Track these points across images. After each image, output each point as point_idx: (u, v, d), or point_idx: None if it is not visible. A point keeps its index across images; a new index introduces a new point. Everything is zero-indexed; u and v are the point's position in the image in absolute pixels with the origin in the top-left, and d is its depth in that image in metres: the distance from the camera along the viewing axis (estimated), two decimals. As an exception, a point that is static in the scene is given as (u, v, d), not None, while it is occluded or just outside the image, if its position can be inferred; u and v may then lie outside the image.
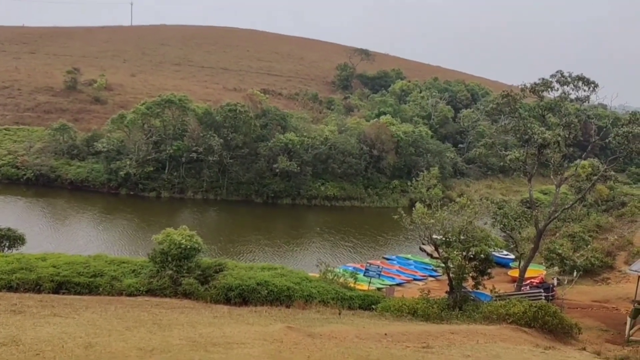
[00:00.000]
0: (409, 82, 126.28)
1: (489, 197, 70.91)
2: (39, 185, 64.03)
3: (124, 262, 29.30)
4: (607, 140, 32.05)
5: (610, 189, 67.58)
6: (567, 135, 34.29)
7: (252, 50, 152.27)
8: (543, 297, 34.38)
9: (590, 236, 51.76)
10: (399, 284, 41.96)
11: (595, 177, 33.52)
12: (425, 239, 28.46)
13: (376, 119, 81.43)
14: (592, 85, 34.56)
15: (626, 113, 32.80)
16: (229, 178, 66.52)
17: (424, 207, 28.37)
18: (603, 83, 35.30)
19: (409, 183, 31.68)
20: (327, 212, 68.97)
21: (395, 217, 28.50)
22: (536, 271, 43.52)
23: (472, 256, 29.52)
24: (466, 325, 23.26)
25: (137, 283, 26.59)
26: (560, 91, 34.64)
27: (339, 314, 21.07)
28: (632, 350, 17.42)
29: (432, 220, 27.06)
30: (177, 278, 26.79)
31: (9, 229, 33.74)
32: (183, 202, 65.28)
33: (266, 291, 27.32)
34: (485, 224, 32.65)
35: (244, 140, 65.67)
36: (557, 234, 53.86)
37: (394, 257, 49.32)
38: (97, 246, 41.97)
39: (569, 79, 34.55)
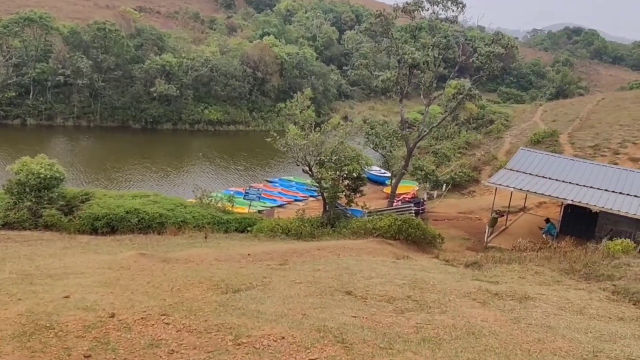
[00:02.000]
0: (294, 1, 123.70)
1: (370, 118, 73.22)
2: None
3: (-24, 195, 26.97)
4: (471, 60, 33.42)
5: (481, 108, 71.69)
6: (436, 56, 35.38)
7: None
8: (413, 212, 36.38)
9: (459, 152, 55.13)
10: (280, 206, 42.64)
11: (460, 96, 35.06)
12: (299, 160, 28.66)
13: (259, 40, 79.39)
14: (460, 5, 35.52)
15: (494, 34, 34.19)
16: (103, 103, 62.59)
17: (297, 128, 28.38)
18: (474, 5, 36.54)
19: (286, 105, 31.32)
20: (211, 137, 67.59)
21: (268, 139, 28.32)
22: (409, 187, 45.89)
23: (345, 175, 30.29)
24: (335, 240, 24.06)
25: (-9, 216, 24.68)
26: (430, 11, 35.39)
27: (205, 237, 20.94)
28: (484, 256, 18.82)
29: (304, 142, 27.17)
30: (37, 210, 25.14)
31: None
32: (52, 129, 60.89)
33: (137, 219, 26.39)
34: (359, 144, 33.43)
35: (117, 62, 61.51)
36: (429, 152, 56.88)
37: (276, 179, 49.75)
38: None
39: (438, -1, 35.25)
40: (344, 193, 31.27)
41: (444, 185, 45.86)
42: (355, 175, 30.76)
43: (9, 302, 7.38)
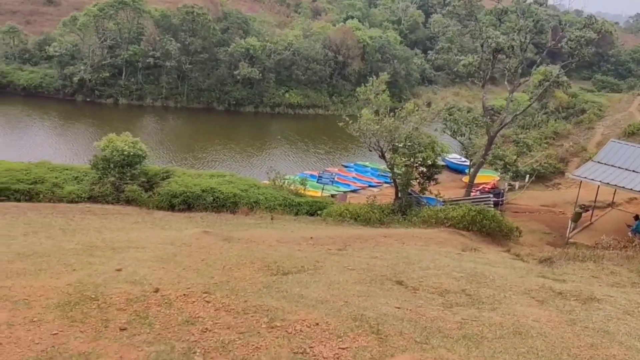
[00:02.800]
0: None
1: (454, 104, 71.27)
2: (-11, 91, 61.66)
3: (67, 169, 28.70)
4: (559, 45, 31.60)
5: (572, 97, 68.03)
6: (522, 40, 33.72)
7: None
8: (492, 202, 35.18)
9: (546, 143, 52.64)
10: (353, 191, 42.53)
11: (547, 83, 33.27)
12: (372, 146, 28.32)
13: (342, 24, 79.00)
14: (551, -13, 33.59)
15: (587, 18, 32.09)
16: (189, 85, 64.77)
17: (371, 113, 28.03)
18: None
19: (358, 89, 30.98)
20: (291, 120, 68.33)
21: (341, 124, 28.17)
22: (489, 177, 44.37)
23: (419, 162, 29.66)
24: (404, 229, 23.68)
25: (78, 190, 26.18)
26: (518, -8, 33.72)
27: (272, 219, 21.19)
28: (560, 252, 17.88)
29: (377, 127, 26.80)
30: (119, 185, 26.46)
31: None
32: (142, 109, 63.79)
33: (212, 198, 27.19)
34: (435, 130, 32.59)
35: (203, 45, 63.31)
36: (520, 141, 54.63)
37: (352, 164, 49.63)
38: (48, 153, 41.06)
39: (527, -20, 33.53)
40: (417, 180, 30.67)
41: (527, 176, 43.97)
42: (430, 163, 30.06)
43: (64, 272, 7.77)
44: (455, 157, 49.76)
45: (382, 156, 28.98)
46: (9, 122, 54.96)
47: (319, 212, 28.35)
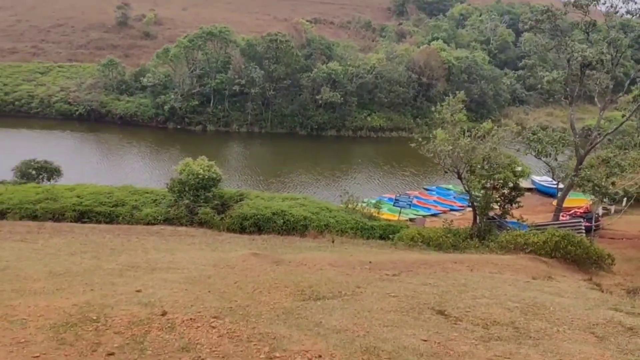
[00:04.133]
0: (469, 5, 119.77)
1: (548, 125, 67.76)
2: (90, 120, 66.02)
3: (147, 192, 29.84)
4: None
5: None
6: (613, 54, 31.41)
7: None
8: (583, 228, 32.70)
9: (648, 164, 48.47)
10: (434, 215, 41.06)
11: (641, 99, 30.67)
12: (448, 167, 27.18)
13: (426, 45, 77.93)
14: (646, -4, 31.20)
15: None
16: (273, 111, 66.13)
17: (446, 133, 26.95)
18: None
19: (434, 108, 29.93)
20: (373, 143, 67.77)
21: (412, 144, 27.30)
22: (582, 201, 41.37)
23: (499, 184, 28.12)
24: (479, 254, 22.32)
25: (155, 212, 27.05)
26: (607, 4, 31.55)
27: (332, 241, 20.62)
28: None
29: (450, 147, 25.68)
30: (193, 207, 27.05)
31: (45, 161, 34.89)
32: (228, 135, 65.79)
33: (282, 221, 27.17)
34: (518, 150, 30.84)
35: (287, 72, 64.56)
36: (612, 162, 50.80)
37: (433, 187, 48.14)
38: (136, 177, 43.07)
39: (618, -10, 31.32)
40: (498, 204, 29.05)
41: (625, 199, 40.57)
42: (511, 185, 28.40)
43: (79, 292, 7.68)
44: (545, 180, 47.02)
45: (459, 178, 27.74)
46: (106, 148, 58.47)
47: (391, 236, 27.50)
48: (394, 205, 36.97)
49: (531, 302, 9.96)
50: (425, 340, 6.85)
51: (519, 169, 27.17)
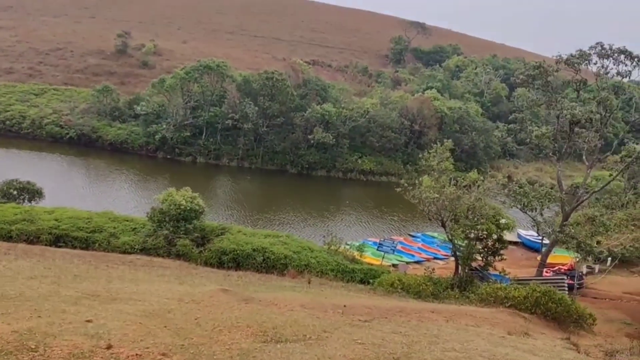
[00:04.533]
0: (465, 58, 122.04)
1: (536, 180, 68.12)
2: (80, 144, 65.67)
3: (127, 220, 29.37)
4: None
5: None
6: (602, 113, 31.74)
7: (307, 20, 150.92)
8: (566, 285, 32.41)
9: (634, 224, 48.61)
10: (417, 262, 40.62)
11: (628, 160, 30.86)
12: (432, 215, 26.98)
13: (420, 94, 78.88)
14: (636, 59, 31.72)
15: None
16: (265, 147, 66.17)
17: (432, 181, 26.87)
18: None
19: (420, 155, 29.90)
20: (363, 186, 67.72)
21: (398, 189, 27.17)
22: (566, 258, 41.15)
23: (484, 235, 27.93)
24: (458, 305, 21.91)
25: (132, 241, 26.56)
26: (598, 65, 32.02)
27: (309, 282, 20.19)
28: (629, 345, 15.69)
29: (435, 195, 25.54)
30: (172, 239, 26.56)
31: (28, 182, 34.37)
32: (218, 168, 65.58)
33: (262, 258, 26.75)
34: (504, 202, 30.75)
35: (281, 110, 64.90)
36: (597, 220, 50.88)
37: (419, 234, 47.83)
38: (118, 204, 42.51)
39: (609, 52, 31.84)
40: (481, 255, 28.79)
41: (609, 259, 40.46)
42: (496, 237, 28.22)
43: (24, 319, 7.26)
44: (531, 234, 46.86)
45: (443, 226, 27.53)
46: (93, 174, 57.98)
47: (371, 280, 27.08)
48: (377, 250, 36.55)
49: (502, 359, 9.59)
50: (383, 394, 6.47)
51: (503, 221, 27.03)
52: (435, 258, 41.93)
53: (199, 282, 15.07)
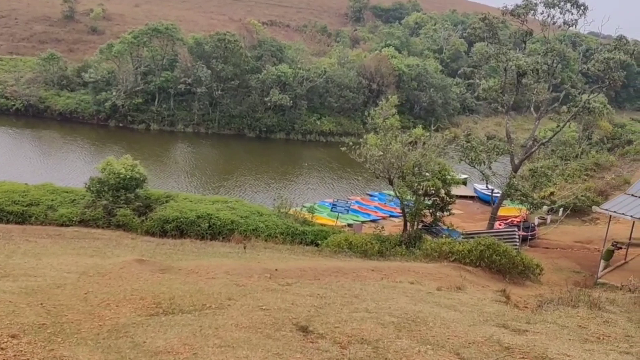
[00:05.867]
0: (424, 14, 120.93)
1: (495, 134, 68.50)
2: (28, 115, 63.22)
3: (66, 192, 28.26)
4: (585, 67, 29.29)
5: (620, 127, 64.57)
6: (549, 64, 31.57)
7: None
8: (517, 237, 32.71)
9: (586, 174, 49.48)
10: (373, 220, 40.64)
11: (574, 109, 30.89)
12: (378, 173, 26.63)
13: (377, 52, 77.94)
14: (582, 7, 31.46)
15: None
16: (221, 111, 64.74)
17: (378, 138, 26.43)
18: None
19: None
20: (323, 147, 67.12)
21: (343, 149, 26.70)
22: (520, 209, 41.64)
23: (432, 191, 27.78)
24: (402, 262, 21.77)
25: (70, 213, 25.57)
26: (544, 14, 31.68)
27: (244, 247, 19.74)
28: (579, 293, 15.59)
29: (380, 153, 25.13)
30: (112, 209, 25.66)
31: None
32: (173, 134, 64.04)
33: (207, 224, 26.09)
34: (452, 158, 30.60)
35: (235, 72, 63.31)
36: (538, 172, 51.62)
37: (376, 193, 47.78)
38: (68, 177, 41.18)
39: (555, 1, 31.48)
40: (430, 211, 28.71)
41: (561, 209, 41.10)
42: (444, 193, 28.12)
43: None
44: (485, 188, 47.26)
45: (390, 183, 27.25)
46: (41, 145, 55.97)
47: (321, 241, 26.79)
48: (331, 210, 36.32)
49: (413, 317, 9.28)
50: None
51: (450, 176, 26.86)
52: (391, 216, 41.95)
53: (119, 253, 14.43)
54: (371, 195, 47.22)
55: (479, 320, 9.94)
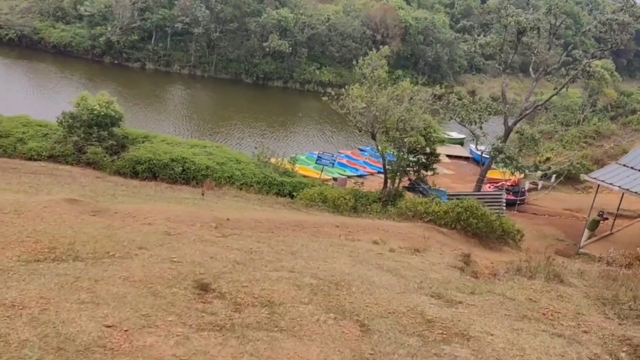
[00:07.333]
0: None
1: (499, 96, 66.82)
2: (22, 46, 61.71)
3: (40, 125, 27.30)
4: (587, 29, 27.76)
5: (626, 95, 62.89)
6: (552, 23, 30.00)
7: None
8: (503, 201, 31.96)
9: (585, 142, 48.33)
10: (360, 175, 39.87)
11: (573, 72, 29.49)
12: (361, 126, 25.57)
13: (384, 1, 75.34)
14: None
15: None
16: (218, 54, 63.04)
17: (363, 90, 25.26)
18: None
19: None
20: (321, 98, 65.57)
21: (324, 98, 25.60)
22: (506, 173, 40.68)
23: (417, 148, 26.81)
24: (373, 220, 21.02)
25: (39, 147, 24.72)
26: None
27: (202, 194, 18.97)
28: (544, 263, 14.80)
29: (363, 105, 24.01)
30: (82, 146, 24.82)
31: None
32: (169, 75, 62.59)
33: (181, 168, 25.29)
34: (440, 116, 29.44)
35: (234, 14, 61.25)
36: (552, 138, 50.48)
37: (368, 148, 46.75)
38: (52, 111, 40.16)
39: (564, -45, 29.68)
40: (413, 169, 27.83)
41: (554, 176, 40.20)
42: (429, 151, 27.17)
43: None
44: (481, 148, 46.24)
45: (373, 138, 26.25)
46: (33, 78, 54.79)
47: (294, 193, 26.05)
48: (316, 163, 35.46)
49: (339, 280, 8.53)
50: (108, 327, 5.28)
51: (436, 134, 25.82)
52: (379, 172, 41.03)
53: (59, 191, 13.67)
54: (362, 150, 46.28)
55: (413, 288, 9.20)
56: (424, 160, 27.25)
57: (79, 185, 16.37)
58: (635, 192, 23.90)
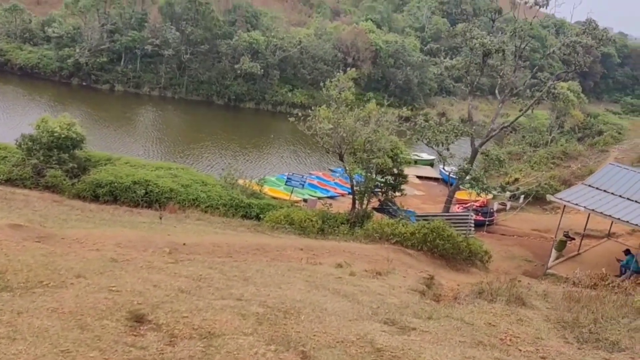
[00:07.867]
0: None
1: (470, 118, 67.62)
2: (-14, 69, 60.67)
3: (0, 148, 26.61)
4: (552, 51, 28.21)
5: (592, 117, 64.19)
6: (517, 45, 30.41)
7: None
8: (472, 222, 31.95)
9: (553, 162, 48.96)
10: (331, 197, 39.69)
11: (539, 94, 29.87)
12: (328, 147, 25.40)
13: (355, 25, 76.13)
14: (554, -12, 30.27)
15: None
16: (189, 76, 62.66)
17: (329, 111, 25.14)
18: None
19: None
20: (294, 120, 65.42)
21: (291, 119, 25.42)
22: (471, 194, 40.87)
23: (386, 170, 26.74)
24: (339, 242, 20.71)
25: (-4, 171, 24.00)
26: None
27: (160, 217, 18.49)
28: (507, 285, 14.66)
29: (330, 126, 23.86)
30: (42, 169, 24.12)
31: None
32: (138, 97, 61.86)
33: (144, 191, 24.72)
34: (408, 137, 29.48)
35: (205, 36, 61.10)
36: (521, 159, 51.10)
37: (339, 169, 46.52)
38: (12, 130, 39.23)
39: (527, -20, 30.27)
40: (381, 190, 27.70)
41: (522, 196, 40.52)
42: (396, 172, 27.10)
43: None
44: (450, 169, 46.49)
45: (341, 159, 26.09)
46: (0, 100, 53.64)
47: (260, 215, 25.66)
48: (286, 184, 35.12)
49: (289, 307, 8.16)
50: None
51: (402, 155, 25.78)
52: (349, 193, 40.84)
53: (1, 216, 13.09)
54: (333, 171, 46.10)
55: (367, 314, 8.88)
56: (391, 181, 27.12)
57: (30, 210, 15.76)
58: (601, 213, 24.03)
